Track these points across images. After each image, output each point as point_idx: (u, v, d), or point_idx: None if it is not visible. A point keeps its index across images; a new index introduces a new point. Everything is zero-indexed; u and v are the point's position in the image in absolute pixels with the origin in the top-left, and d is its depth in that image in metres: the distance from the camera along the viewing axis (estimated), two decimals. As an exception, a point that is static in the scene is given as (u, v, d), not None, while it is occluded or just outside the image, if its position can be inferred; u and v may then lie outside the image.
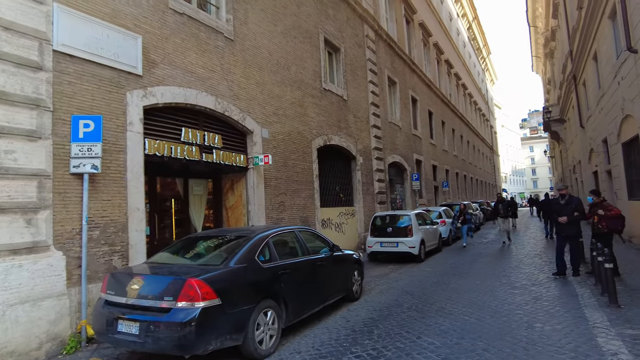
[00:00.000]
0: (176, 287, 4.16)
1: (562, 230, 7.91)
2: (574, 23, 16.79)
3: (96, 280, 5.78)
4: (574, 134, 21.46)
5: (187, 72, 7.71)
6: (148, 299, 4.23)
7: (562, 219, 7.71)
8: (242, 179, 9.24)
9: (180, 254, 5.34)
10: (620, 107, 10.93)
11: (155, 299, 4.19)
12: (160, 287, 4.26)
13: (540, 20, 35.81)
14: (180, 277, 4.27)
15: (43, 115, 5.39)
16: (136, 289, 4.32)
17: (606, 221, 7.32)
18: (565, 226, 7.75)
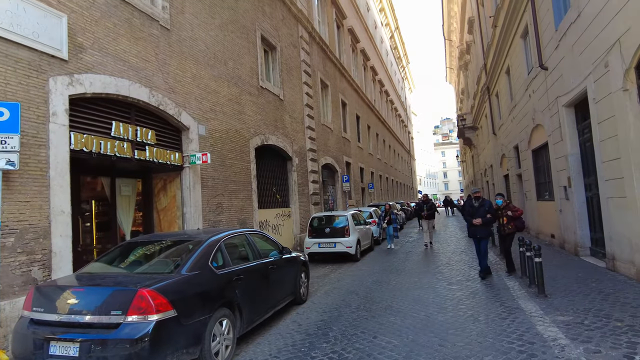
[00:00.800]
0: (125, 299, 3.68)
1: (477, 231, 8.06)
2: (489, 39, 18.45)
3: (11, 296, 4.94)
4: (486, 140, 23.59)
5: (119, 61, 6.97)
6: (89, 314, 3.68)
7: (476, 220, 7.91)
8: (176, 179, 8.61)
9: (119, 262, 4.77)
10: (532, 117, 12.19)
11: (99, 314, 3.65)
12: (105, 300, 3.73)
13: (455, 35, 38.93)
14: (129, 287, 3.78)
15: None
16: (73, 304, 3.74)
17: (514, 222, 7.95)
18: (479, 228, 7.97)
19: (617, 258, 7.30)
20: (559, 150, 10.01)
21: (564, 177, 9.85)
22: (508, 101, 16.19)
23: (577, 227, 9.22)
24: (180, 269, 4.29)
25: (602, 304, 5.60)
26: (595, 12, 7.21)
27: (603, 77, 7.12)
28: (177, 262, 4.48)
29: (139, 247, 5.12)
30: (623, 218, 6.86)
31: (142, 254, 4.87)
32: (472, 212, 8.11)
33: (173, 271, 4.28)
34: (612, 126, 6.95)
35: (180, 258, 4.60)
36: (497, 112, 19.39)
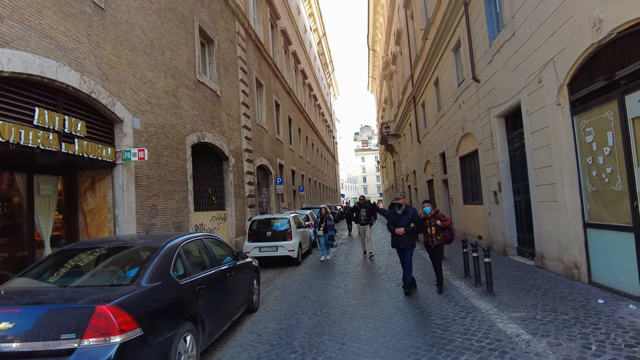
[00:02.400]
0: (79, 318, 3.03)
1: (400, 242, 7.11)
2: (417, 51, 19.45)
3: None
4: (409, 147, 24.86)
5: (44, 37, 5.96)
6: (31, 340, 2.96)
7: (399, 230, 6.99)
8: (106, 177, 7.63)
9: (56, 274, 3.98)
10: (461, 126, 13.03)
11: (44, 339, 2.95)
12: (51, 321, 3.03)
13: (379, 45, 40.66)
14: (84, 304, 3.13)
15: None
16: (6, 329, 2.98)
17: (443, 232, 7.12)
18: (403, 238, 7.05)
19: (545, 256, 8.00)
20: (489, 158, 10.79)
21: (493, 183, 10.63)
22: (435, 111, 17.18)
23: (506, 228, 9.99)
24: (139, 280, 3.68)
25: (544, 299, 6.04)
26: (530, 33, 7.87)
27: (537, 92, 7.78)
28: (133, 272, 3.86)
29: (80, 255, 4.33)
30: (553, 220, 7.53)
31: (86, 264, 4.12)
32: (394, 221, 7.17)
33: (131, 282, 3.66)
34: (544, 136, 7.61)
35: (135, 267, 3.97)
36: (422, 121, 20.50)
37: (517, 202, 9.77)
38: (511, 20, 8.69)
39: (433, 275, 7.76)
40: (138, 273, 3.79)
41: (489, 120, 10.54)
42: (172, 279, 4.01)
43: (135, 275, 3.78)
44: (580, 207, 6.72)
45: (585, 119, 6.47)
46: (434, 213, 7.24)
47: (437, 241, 7.13)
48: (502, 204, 10.13)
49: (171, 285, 3.95)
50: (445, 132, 15.39)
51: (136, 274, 3.77)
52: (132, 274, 3.84)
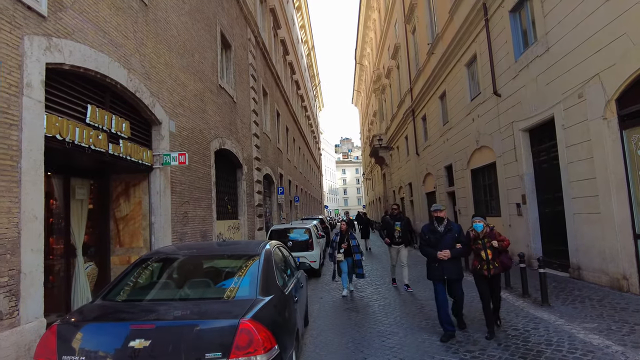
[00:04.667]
0: (221, 334, 2.71)
1: (445, 270, 5.30)
2: (419, 66, 19.73)
3: (-29, 338, 3.39)
4: (404, 159, 25.06)
5: (99, 31, 5.58)
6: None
7: (444, 253, 5.24)
8: (142, 182, 7.19)
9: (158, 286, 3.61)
10: (475, 139, 13.19)
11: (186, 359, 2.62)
12: (192, 338, 2.70)
13: (367, 60, 41.18)
14: (226, 319, 2.81)
15: None
16: (141, 347, 2.62)
17: (501, 257, 5.39)
18: (447, 265, 5.29)
19: (583, 268, 8.07)
20: (511, 170, 10.92)
21: (515, 195, 10.74)
22: (439, 124, 17.39)
23: (531, 240, 10.07)
24: (253, 292, 3.36)
25: (606, 310, 6.03)
26: (568, 49, 8.05)
27: (576, 106, 7.93)
28: (243, 282, 3.53)
29: (170, 264, 3.96)
30: (594, 232, 7.62)
31: (184, 274, 3.76)
32: (434, 241, 5.39)
33: (248, 294, 3.34)
34: (584, 150, 7.74)
35: (240, 277, 3.65)
36: (422, 134, 20.71)
37: (543, 214, 9.88)
38: (544, 37, 8.89)
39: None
40: (250, 284, 3.48)
41: (512, 134, 10.69)
42: (280, 289, 3.72)
43: (247, 286, 3.46)
44: (629, 219, 6.81)
45: (637, 133, 6.61)
46: (489, 231, 5.42)
47: (494, 269, 5.26)
48: (527, 216, 10.22)
49: (282, 296, 3.66)
50: (453, 145, 15.55)
51: (249, 285, 3.46)
52: (242, 284, 3.51)
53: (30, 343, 4.01)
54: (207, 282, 3.61)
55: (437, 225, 5.54)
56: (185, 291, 3.46)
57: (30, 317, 4.08)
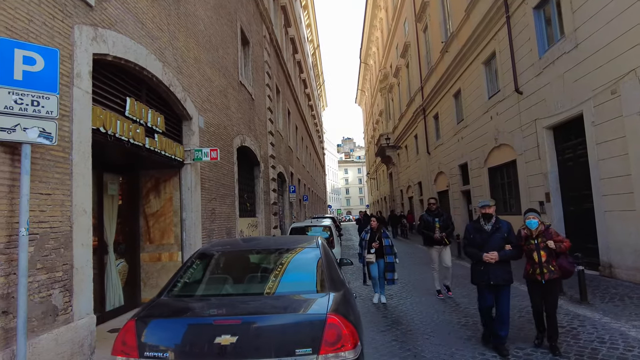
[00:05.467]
0: (311, 329, 2.60)
1: (492, 274, 4.65)
2: (431, 64, 19.65)
3: (28, 335, 3.27)
4: (413, 158, 24.98)
5: (138, 22, 5.48)
6: (261, 356, 2.51)
7: (490, 255, 4.61)
8: (173, 178, 7.08)
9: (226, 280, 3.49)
10: (494, 137, 13.10)
11: (277, 355, 2.51)
12: (280, 333, 2.59)
13: (373, 59, 41.10)
14: (313, 313, 2.71)
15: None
16: (227, 343, 2.51)
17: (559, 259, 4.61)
18: (495, 268, 4.64)
19: (615, 266, 7.98)
20: (533, 169, 10.83)
21: (538, 193, 10.65)
22: (453, 123, 17.30)
23: (556, 239, 9.97)
24: (327, 286, 3.24)
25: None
26: (599, 45, 7.96)
27: (608, 103, 7.84)
28: (311, 277, 3.42)
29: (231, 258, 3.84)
30: (627, 229, 7.53)
31: (248, 268, 3.64)
32: (480, 241, 4.79)
33: (320, 289, 3.22)
34: (618, 146, 7.64)
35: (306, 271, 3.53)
36: (433, 133, 20.63)
37: (568, 212, 9.80)
38: (573, 34, 8.79)
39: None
40: (319, 278, 3.36)
41: (535, 131, 10.60)
42: (345, 284, 3.61)
43: (317, 280, 3.34)
44: (668, 217, 6.72)
45: (677, 128, 6.53)
46: (544, 230, 4.70)
47: (549, 274, 4.53)
48: (551, 214, 10.13)
49: (348, 291, 3.55)
50: (469, 144, 15.47)
51: (318, 279, 3.34)
52: (311, 278, 3.40)
53: (82, 339, 3.90)
54: (275, 277, 3.49)
55: (483, 223, 4.87)
56: (255, 286, 3.34)
57: (82, 313, 3.98)
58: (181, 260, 6.85)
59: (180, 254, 6.86)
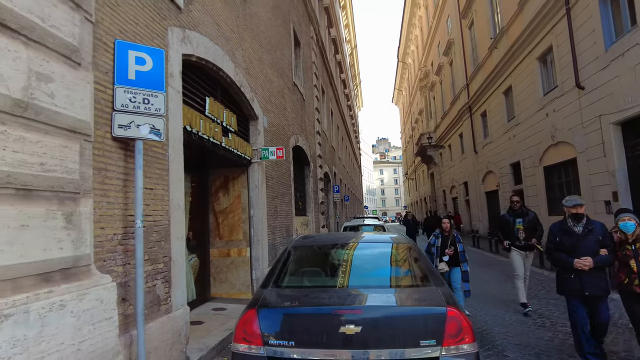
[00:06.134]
0: (432, 322, 2.60)
1: (585, 282, 4.14)
2: (477, 61, 19.17)
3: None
4: (457, 158, 24.43)
5: (214, 24, 5.65)
6: (385, 346, 2.52)
7: (583, 261, 4.10)
8: (241, 176, 7.25)
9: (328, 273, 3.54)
10: (550, 135, 12.60)
11: (403, 346, 2.52)
12: (403, 324, 2.60)
13: (411, 57, 40.59)
14: (431, 306, 2.71)
15: (84, 25, 3.00)
16: (351, 333, 2.54)
17: None
18: (589, 276, 4.13)
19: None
20: (597, 166, 10.32)
21: (602, 192, 10.15)
22: (503, 120, 16.78)
23: (626, 240, 9.46)
24: (432, 280, 3.21)
25: None
26: (679, 33, 7.50)
27: (690, 95, 7.37)
28: (416, 271, 3.41)
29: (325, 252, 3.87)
30: None
31: (346, 260, 3.66)
32: (568, 245, 4.28)
33: (424, 283, 3.20)
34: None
35: (403, 266, 3.52)
36: (480, 131, 20.10)
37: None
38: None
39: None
40: (423, 272, 3.34)
41: (599, 128, 10.10)
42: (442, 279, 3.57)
43: (422, 274, 3.32)
44: None
45: None
46: None
47: None
48: (620, 215, 9.62)
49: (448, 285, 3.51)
50: (521, 142, 14.95)
51: (423, 273, 3.32)
52: (415, 272, 3.39)
53: (179, 329, 4.06)
54: (380, 270, 3.51)
55: (572, 225, 4.30)
56: (363, 278, 3.33)
57: (178, 304, 4.14)
58: (249, 256, 7.01)
59: (249, 250, 7.02)
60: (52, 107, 2.59)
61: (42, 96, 2.51)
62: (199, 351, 4.54)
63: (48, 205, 2.53)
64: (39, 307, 2.33)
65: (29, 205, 2.39)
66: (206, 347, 4.76)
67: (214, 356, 4.82)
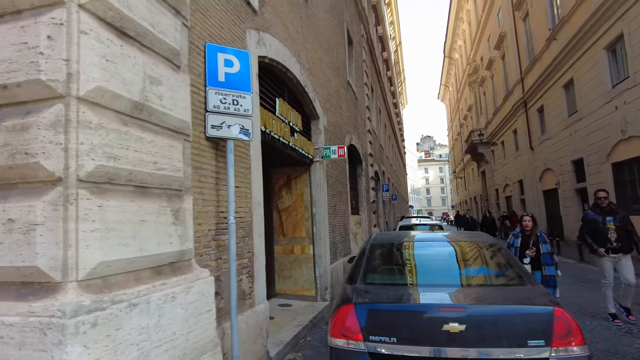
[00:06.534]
0: (540, 321, 2.51)
1: None
2: (533, 54, 18.31)
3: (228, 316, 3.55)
4: (511, 155, 23.45)
5: (282, 26, 5.76)
6: (491, 345, 2.46)
7: None
8: (303, 175, 7.34)
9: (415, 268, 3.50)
10: (620, 129, 11.80)
11: (509, 345, 2.45)
12: (509, 323, 2.53)
13: (458, 52, 39.46)
14: (537, 305, 2.62)
15: (182, 30, 3.14)
16: (455, 331, 2.50)
17: None
18: None
19: None
20: (679, 162, 9.54)
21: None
22: (563, 115, 15.93)
23: None
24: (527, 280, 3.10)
25: None
26: None
27: None
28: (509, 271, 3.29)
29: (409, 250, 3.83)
30: None
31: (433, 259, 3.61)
32: None
33: (518, 283, 3.09)
34: None
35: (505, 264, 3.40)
36: (537, 127, 19.18)
37: None
38: None
39: None
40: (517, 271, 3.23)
41: (682, 120, 9.33)
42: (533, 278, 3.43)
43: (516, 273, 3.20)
44: None
45: None
46: None
47: None
48: None
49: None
50: (585, 137, 14.11)
51: (517, 273, 3.20)
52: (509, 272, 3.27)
53: (262, 323, 4.17)
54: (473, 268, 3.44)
55: None
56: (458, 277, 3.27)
57: (260, 298, 4.25)
58: (312, 254, 7.09)
59: (312, 247, 7.10)
60: (161, 108, 2.74)
61: (153, 98, 2.67)
62: (275, 346, 4.64)
63: (159, 202, 2.68)
64: (157, 298, 2.47)
65: (146, 202, 2.55)
66: (281, 342, 4.86)
67: (288, 351, 4.91)
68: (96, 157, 2.18)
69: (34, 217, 2.05)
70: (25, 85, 2.13)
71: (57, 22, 2.14)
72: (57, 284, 2.04)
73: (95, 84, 2.21)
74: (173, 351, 2.57)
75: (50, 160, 2.07)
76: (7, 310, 2.03)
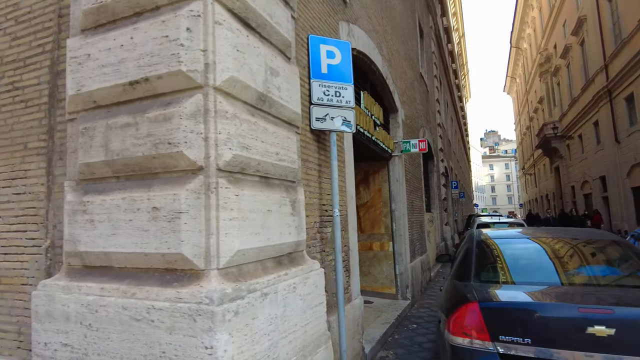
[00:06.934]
0: None
1: None
2: (620, 37, 16.68)
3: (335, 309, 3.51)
4: (591, 149, 21.58)
5: (367, 17, 5.65)
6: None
7: None
8: (382, 170, 7.20)
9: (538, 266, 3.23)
10: None
11: None
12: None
13: (527, 42, 37.10)
14: None
15: (291, 22, 3.14)
16: (603, 335, 2.25)
17: None
18: None
19: None
20: None
21: None
22: (659, 103, 14.33)
23: None
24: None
25: None
26: None
27: None
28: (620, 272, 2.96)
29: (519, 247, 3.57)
30: None
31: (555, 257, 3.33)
32: None
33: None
34: None
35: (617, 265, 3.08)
36: (624, 117, 17.46)
37: None
38: None
39: None
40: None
41: None
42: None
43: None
44: None
45: None
46: None
47: None
48: None
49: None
50: (689, 127, 12.58)
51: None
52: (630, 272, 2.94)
53: (358, 319, 4.10)
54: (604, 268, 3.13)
55: None
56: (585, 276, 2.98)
57: (355, 293, 4.18)
58: (392, 250, 6.93)
59: (391, 244, 6.94)
60: (279, 100, 2.74)
61: (273, 90, 2.67)
62: (367, 342, 4.56)
63: (280, 193, 2.68)
64: (282, 289, 2.47)
65: (271, 192, 2.55)
66: (372, 339, 4.77)
67: (379, 348, 4.82)
68: (233, 147, 2.21)
69: (179, 205, 2.11)
70: (166, 77, 2.20)
71: (195, 14, 2.19)
72: (201, 272, 2.08)
73: (229, 74, 2.24)
74: (295, 343, 2.56)
75: (192, 149, 2.12)
76: (155, 295, 2.10)
